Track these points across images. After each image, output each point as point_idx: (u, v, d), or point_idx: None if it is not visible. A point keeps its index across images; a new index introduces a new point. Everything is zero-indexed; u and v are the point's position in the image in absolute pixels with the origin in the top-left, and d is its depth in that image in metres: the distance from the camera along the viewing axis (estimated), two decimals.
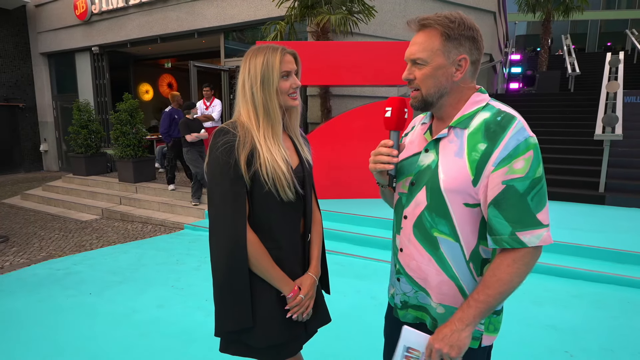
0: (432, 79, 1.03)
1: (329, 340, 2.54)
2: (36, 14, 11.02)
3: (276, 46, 1.20)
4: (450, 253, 1.05)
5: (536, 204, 0.96)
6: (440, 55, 1.01)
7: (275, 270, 1.21)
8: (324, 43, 5.87)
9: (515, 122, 0.97)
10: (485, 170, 0.97)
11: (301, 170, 1.28)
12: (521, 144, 0.94)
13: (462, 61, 1.01)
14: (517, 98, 10.87)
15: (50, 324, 2.83)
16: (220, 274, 1.17)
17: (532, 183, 0.95)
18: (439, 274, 1.07)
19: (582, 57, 13.68)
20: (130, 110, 7.07)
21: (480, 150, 0.98)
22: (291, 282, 1.24)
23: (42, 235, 5.28)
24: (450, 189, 1.01)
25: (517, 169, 0.94)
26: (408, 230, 1.12)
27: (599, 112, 6.50)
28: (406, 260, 1.13)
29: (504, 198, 0.95)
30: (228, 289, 1.17)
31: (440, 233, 1.05)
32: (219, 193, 1.15)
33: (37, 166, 11.86)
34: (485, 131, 0.99)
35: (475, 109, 1.04)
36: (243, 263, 1.15)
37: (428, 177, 1.06)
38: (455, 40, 1.00)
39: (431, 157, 1.07)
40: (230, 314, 1.17)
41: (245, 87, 1.19)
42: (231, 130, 1.16)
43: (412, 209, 1.10)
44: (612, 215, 5.08)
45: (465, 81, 1.05)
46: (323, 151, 5.47)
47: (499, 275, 0.97)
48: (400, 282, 1.17)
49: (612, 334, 2.67)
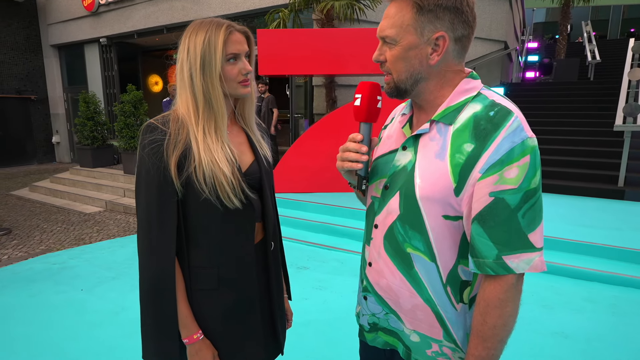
0: (403, 61, 0.84)
1: (324, 344, 2.41)
2: (46, 6, 11.04)
3: (222, 21, 0.99)
4: (425, 273, 0.88)
5: (528, 221, 0.78)
6: (412, 32, 0.82)
7: (182, 306, 1.01)
8: (327, 30, 5.66)
9: (511, 119, 0.78)
10: (471, 177, 0.79)
11: (257, 170, 1.09)
12: (516, 147, 0.76)
13: (440, 40, 0.82)
14: (533, 87, 10.45)
15: (39, 320, 2.76)
16: (145, 296, 0.99)
17: (524, 196, 0.77)
18: (412, 296, 0.90)
19: (603, 44, 13.10)
20: (134, 101, 7.01)
21: (466, 152, 0.80)
22: (194, 326, 1.02)
23: (44, 228, 5.27)
24: (427, 197, 0.84)
25: (509, 179, 0.76)
26: (378, 242, 0.95)
27: (620, 101, 6.16)
28: (375, 278, 0.96)
29: (490, 213, 0.78)
30: (152, 314, 0.99)
31: (413, 249, 0.88)
32: (143, 203, 0.97)
33: (49, 158, 12.00)
34: (474, 128, 0.81)
35: (464, 99, 0.84)
36: (170, 286, 0.97)
37: (403, 181, 0.88)
38: (430, 12, 0.80)
39: (408, 156, 0.89)
40: (152, 344, 1.00)
41: (184, 70, 0.98)
42: (159, 127, 0.97)
43: (383, 217, 0.93)
44: (632, 211, 4.79)
45: (448, 64, 0.85)
46: (328, 142, 5.29)
47: (491, 322, 0.80)
48: (368, 302, 1.00)
49: (628, 342, 2.45)
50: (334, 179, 5.42)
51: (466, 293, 0.87)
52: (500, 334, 0.80)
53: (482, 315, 0.81)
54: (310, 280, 3.39)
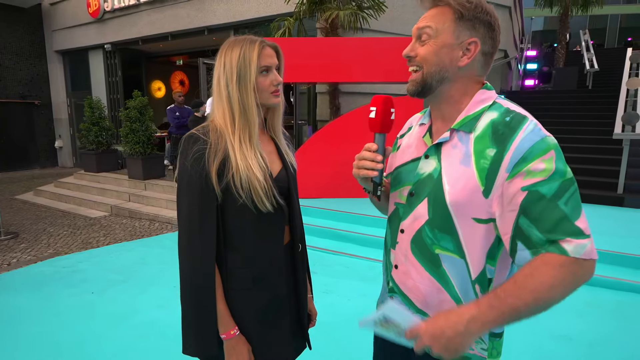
0: (436, 56, 0.90)
1: (332, 347, 2.46)
2: (51, 12, 11.15)
3: (255, 38, 1.08)
4: (454, 271, 0.93)
5: (572, 209, 0.79)
6: (449, 34, 0.89)
7: (220, 304, 1.08)
8: (332, 39, 5.77)
9: (526, 123, 0.84)
10: (498, 178, 0.84)
11: (285, 177, 1.16)
12: (536, 144, 0.81)
13: (472, 45, 0.89)
14: (532, 95, 10.58)
15: (51, 323, 2.81)
16: (187, 295, 1.07)
17: (563, 185, 0.80)
18: (440, 292, 0.95)
19: (601, 53, 13.25)
20: (139, 107, 7.08)
21: (489, 156, 0.85)
22: (231, 323, 1.09)
23: (50, 232, 5.31)
24: (458, 202, 0.89)
25: (538, 172, 0.80)
26: (405, 246, 1.00)
27: (619, 109, 6.26)
28: (402, 279, 1.02)
29: (529, 206, 0.81)
30: (193, 312, 1.06)
31: (443, 250, 0.93)
32: (186, 208, 1.05)
33: (52, 162, 12.05)
34: (492, 134, 0.86)
35: (481, 108, 0.91)
36: (210, 286, 1.05)
37: (430, 188, 0.93)
38: (469, 21, 0.88)
39: (432, 164, 0.94)
40: (193, 339, 1.07)
41: (221, 83, 1.07)
42: (202, 137, 1.05)
43: (410, 222, 0.98)
44: (632, 218, 4.86)
45: (472, 71, 0.92)
46: (332, 149, 5.37)
47: (539, 277, 0.77)
48: (395, 301, 1.06)
49: (631, 346, 2.51)
50: (338, 185, 5.49)
51: (491, 289, 0.93)
52: (542, 293, 0.78)
53: (529, 270, 0.79)
54: (316, 284, 3.42)
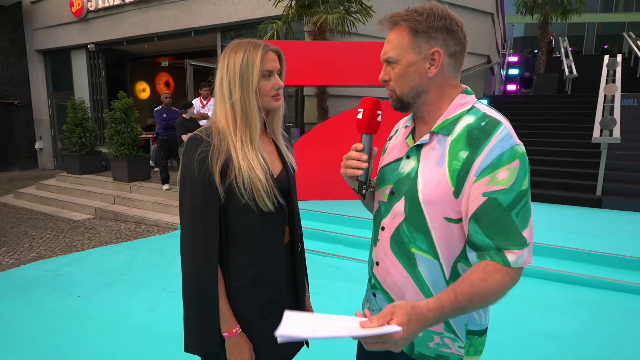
0: (405, 77, 0.95)
1: (321, 347, 2.48)
2: (32, 10, 10.91)
3: (258, 42, 1.10)
4: (428, 272, 0.97)
5: (522, 220, 0.87)
6: (410, 52, 0.93)
7: (222, 303, 1.10)
8: (320, 43, 5.82)
9: (500, 128, 0.89)
10: (467, 180, 0.89)
11: (285, 177, 1.19)
12: (506, 152, 0.86)
13: (435, 54, 0.92)
14: (514, 100, 10.83)
15: (37, 327, 2.76)
16: (189, 293, 1.09)
17: (517, 196, 0.86)
18: (416, 293, 0.99)
19: (579, 60, 13.67)
20: (125, 108, 6.99)
21: (461, 158, 0.90)
22: (233, 321, 1.11)
23: (33, 235, 5.20)
24: (429, 201, 0.93)
25: (500, 180, 0.85)
26: (385, 243, 1.04)
27: (597, 114, 6.47)
28: (382, 275, 1.06)
29: (484, 212, 0.86)
30: (195, 310, 1.08)
31: (418, 249, 0.97)
32: (189, 208, 1.07)
33: (32, 164, 11.75)
34: (467, 137, 0.91)
35: (459, 112, 0.95)
36: (212, 284, 1.07)
37: (407, 187, 0.98)
38: (425, 33, 0.92)
39: (412, 164, 0.99)
40: (195, 336, 1.09)
41: (224, 86, 1.09)
42: (205, 139, 1.07)
43: (390, 220, 1.03)
44: (610, 219, 5.04)
45: (445, 77, 0.96)
46: (319, 152, 5.40)
47: (491, 284, 0.84)
48: (377, 298, 1.09)
49: (611, 342, 2.62)
50: (326, 187, 5.53)
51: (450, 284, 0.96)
52: (488, 296, 0.84)
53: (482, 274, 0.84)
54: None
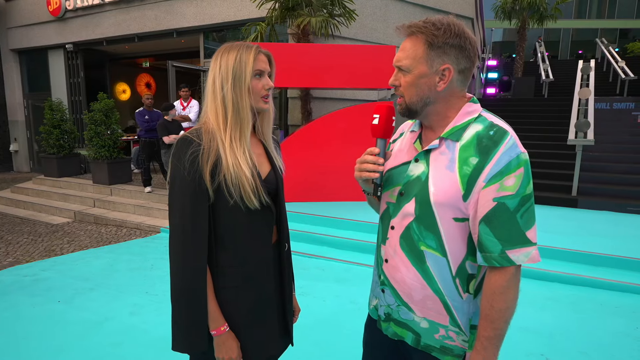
0: (415, 87, 1.00)
1: (308, 347, 2.50)
2: (7, 9, 10.59)
3: (250, 44, 1.14)
4: (437, 268, 1.03)
5: (525, 221, 0.94)
6: (423, 64, 0.98)
7: (211, 301, 1.11)
8: (304, 45, 5.85)
9: (507, 138, 0.95)
10: (476, 185, 0.95)
11: (274, 178, 1.22)
12: (513, 160, 0.93)
13: (446, 71, 0.98)
14: (494, 103, 11.09)
15: (16, 334, 2.68)
16: (178, 292, 1.09)
17: (522, 200, 0.93)
18: (424, 288, 1.04)
19: (555, 64, 14.11)
20: (105, 110, 6.85)
21: (471, 164, 0.96)
22: (221, 320, 1.12)
23: (9, 240, 5.05)
24: (441, 203, 0.99)
25: (508, 186, 0.93)
26: (394, 242, 1.09)
27: (572, 117, 6.69)
28: (391, 272, 1.10)
29: (494, 215, 0.94)
30: (184, 309, 1.09)
31: (427, 247, 1.03)
32: (178, 208, 1.08)
33: (6, 167, 11.39)
34: (477, 144, 0.97)
35: (468, 120, 1.01)
36: (201, 284, 1.08)
37: (418, 189, 1.03)
38: (439, 48, 0.97)
39: (421, 167, 1.04)
40: (183, 336, 1.10)
41: (216, 84, 1.12)
42: (195, 140, 1.08)
43: (399, 219, 1.07)
44: (585, 219, 5.21)
45: (452, 90, 1.02)
46: (303, 154, 5.43)
47: (497, 306, 0.95)
48: (385, 294, 1.13)
49: (587, 336, 2.72)
50: (311, 189, 5.55)
51: (472, 284, 1.03)
52: (504, 315, 0.95)
53: (489, 301, 0.96)
54: None
